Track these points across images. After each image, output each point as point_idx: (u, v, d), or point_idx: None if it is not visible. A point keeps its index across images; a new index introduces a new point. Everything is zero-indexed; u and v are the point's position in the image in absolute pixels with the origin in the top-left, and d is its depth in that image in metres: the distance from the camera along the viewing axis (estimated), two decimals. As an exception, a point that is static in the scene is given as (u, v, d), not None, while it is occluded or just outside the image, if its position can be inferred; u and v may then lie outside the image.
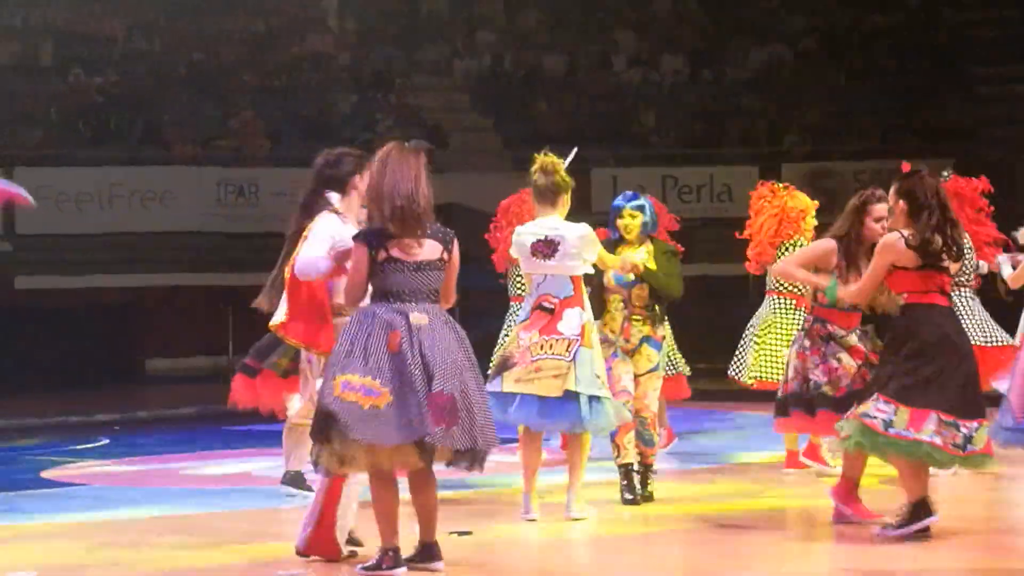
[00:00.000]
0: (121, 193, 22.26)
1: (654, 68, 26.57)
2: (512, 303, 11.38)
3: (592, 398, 8.65)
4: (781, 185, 11.06)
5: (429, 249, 7.28)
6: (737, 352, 11.12)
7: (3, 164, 21.90)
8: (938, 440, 7.94)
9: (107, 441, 14.30)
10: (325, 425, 7.11)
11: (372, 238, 7.25)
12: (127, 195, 22.27)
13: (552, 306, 8.71)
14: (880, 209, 8.72)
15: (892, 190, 8.22)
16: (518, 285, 11.25)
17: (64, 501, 10.59)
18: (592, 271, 8.95)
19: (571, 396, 8.61)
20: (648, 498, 9.41)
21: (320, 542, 7.72)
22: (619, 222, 9.39)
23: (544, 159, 8.90)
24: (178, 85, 24.10)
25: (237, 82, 24.46)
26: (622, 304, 9.29)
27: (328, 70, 25.27)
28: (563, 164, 8.94)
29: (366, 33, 25.93)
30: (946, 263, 8.08)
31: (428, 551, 7.30)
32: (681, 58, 26.56)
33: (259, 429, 11.89)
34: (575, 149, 9.29)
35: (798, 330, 9.39)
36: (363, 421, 7.02)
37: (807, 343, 9.01)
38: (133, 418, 16.31)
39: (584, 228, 8.79)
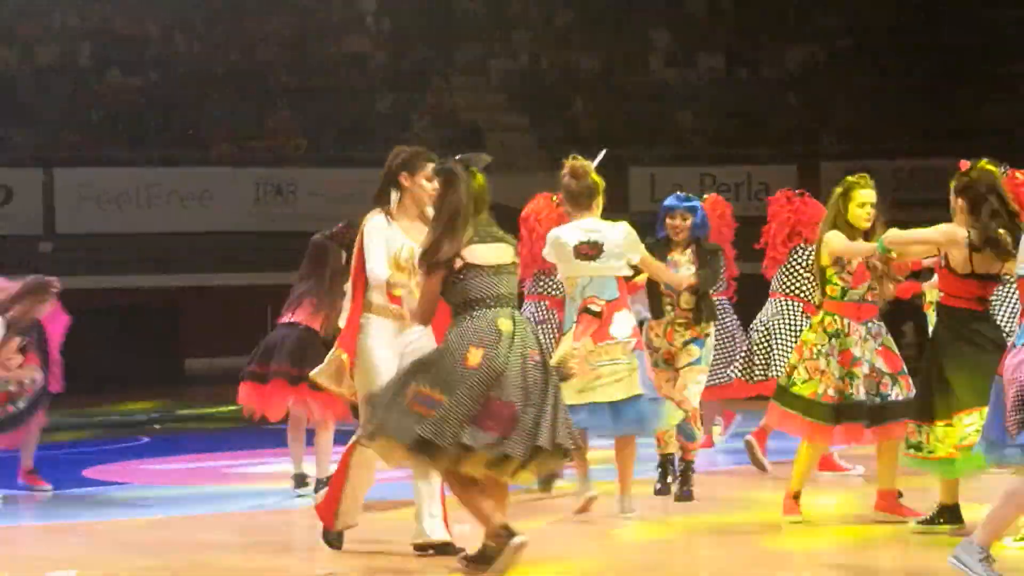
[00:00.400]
0: (159, 193, 22.35)
1: (690, 67, 26.54)
2: (527, 301, 11.39)
3: (652, 400, 8.70)
4: (797, 192, 11.08)
5: (502, 253, 7.22)
6: (744, 355, 11.04)
7: (43, 165, 22.06)
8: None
9: (147, 440, 14.38)
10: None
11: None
12: (165, 195, 22.36)
13: (600, 309, 8.70)
14: (864, 195, 8.68)
15: (951, 188, 8.16)
16: (540, 285, 11.27)
17: (105, 500, 10.65)
18: (632, 272, 8.93)
19: (635, 399, 8.64)
20: (688, 496, 9.39)
21: (325, 506, 7.77)
22: (669, 222, 9.41)
23: (573, 163, 8.90)
24: (216, 86, 24.19)
25: (275, 82, 24.54)
26: (669, 307, 9.33)
27: (365, 70, 25.33)
28: (592, 165, 8.95)
29: (402, 33, 25.97)
30: (996, 269, 7.99)
31: (507, 531, 7.10)
32: (717, 57, 26.52)
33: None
34: (604, 151, 9.29)
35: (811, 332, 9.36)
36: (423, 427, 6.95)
37: (824, 344, 8.88)
38: (173, 417, 16.39)
39: (625, 227, 8.80)
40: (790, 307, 10.85)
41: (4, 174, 21.79)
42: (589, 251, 8.73)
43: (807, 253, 10.63)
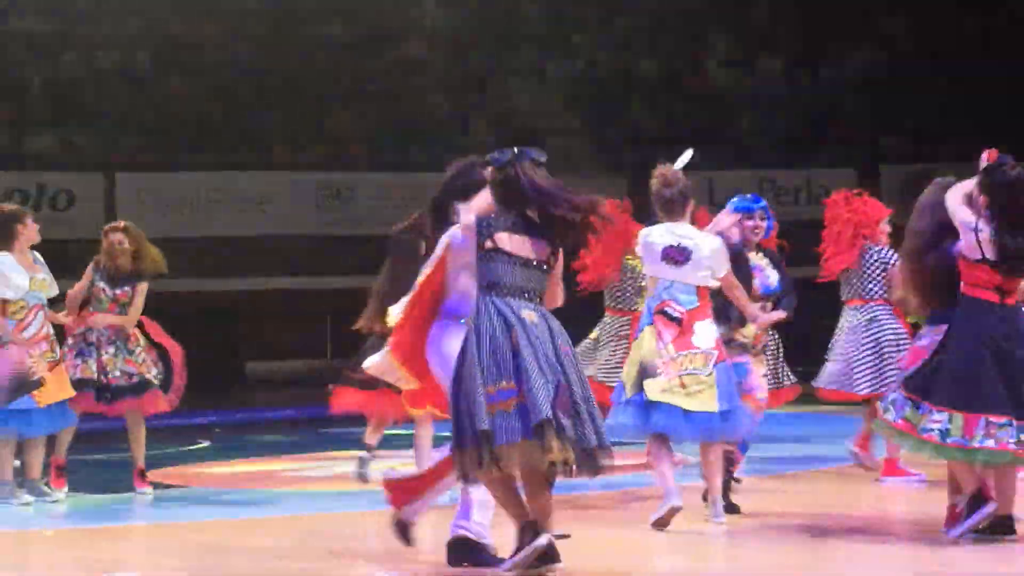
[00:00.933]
0: (219, 198, 22.45)
1: (750, 70, 26.46)
2: (607, 315, 11.35)
3: (725, 412, 8.66)
4: (855, 192, 10.98)
5: (537, 248, 7.22)
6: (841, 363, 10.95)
7: (104, 170, 22.21)
8: (991, 443, 7.88)
9: (208, 443, 14.45)
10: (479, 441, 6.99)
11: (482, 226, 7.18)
12: (225, 200, 22.46)
13: (679, 315, 8.66)
14: None
15: (975, 183, 8.18)
16: (617, 298, 11.24)
17: (165, 502, 10.71)
18: (716, 285, 8.87)
19: (712, 414, 8.61)
20: (732, 509, 9.22)
21: (401, 489, 7.71)
22: (748, 223, 9.38)
23: (664, 170, 8.90)
24: (276, 90, 24.30)
25: (333, 87, 24.63)
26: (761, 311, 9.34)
27: (423, 74, 25.38)
28: (679, 168, 8.96)
29: (461, 37, 26.01)
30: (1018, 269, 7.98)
31: (532, 528, 7.11)
32: (777, 60, 26.42)
33: (357, 432, 11.94)
34: (690, 151, 9.27)
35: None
36: (510, 423, 6.96)
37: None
38: (233, 420, 16.47)
39: (717, 241, 8.79)
40: (881, 312, 10.67)
41: (66, 179, 21.96)
42: (676, 256, 8.70)
43: (877, 253, 10.54)
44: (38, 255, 10.43)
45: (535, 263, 7.19)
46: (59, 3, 24.14)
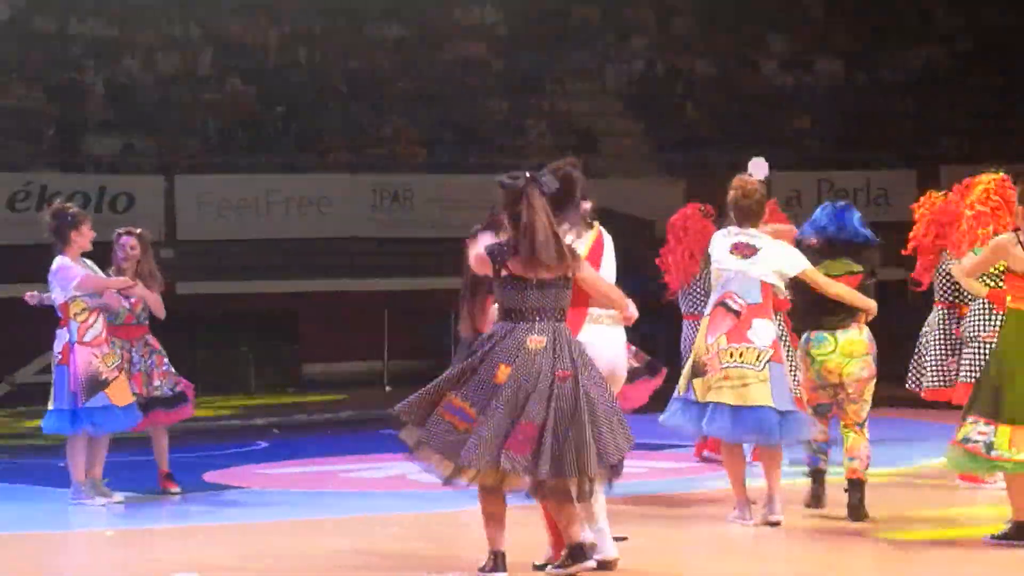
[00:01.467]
0: (278, 200, 22.55)
1: (807, 71, 26.35)
2: (686, 321, 11.33)
3: (786, 412, 8.62)
4: (941, 193, 10.87)
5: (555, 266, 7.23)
6: (913, 362, 10.87)
7: (164, 172, 22.36)
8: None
9: (266, 444, 14.51)
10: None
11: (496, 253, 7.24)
12: (283, 202, 22.56)
13: (738, 307, 8.66)
14: None
15: (1018, 192, 8.20)
16: (691, 302, 11.22)
17: (225, 503, 10.78)
18: (783, 289, 8.84)
19: (764, 408, 8.57)
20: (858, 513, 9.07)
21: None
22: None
23: (742, 180, 8.91)
24: (333, 92, 24.39)
25: (391, 89, 24.70)
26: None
27: (481, 76, 25.41)
28: (758, 178, 8.98)
29: (518, 39, 26.03)
30: None
31: (577, 552, 7.23)
32: (835, 60, 26.31)
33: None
34: (761, 160, 9.27)
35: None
36: (455, 444, 7.12)
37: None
38: (291, 422, 16.53)
39: (788, 246, 8.84)
40: (951, 315, 10.59)
41: (127, 181, 22.10)
42: (744, 250, 8.72)
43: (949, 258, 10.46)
44: (87, 261, 10.52)
45: (550, 281, 7.21)
46: (120, 7, 24.32)
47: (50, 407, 10.37)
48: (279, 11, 25.17)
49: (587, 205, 7.70)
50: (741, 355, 8.57)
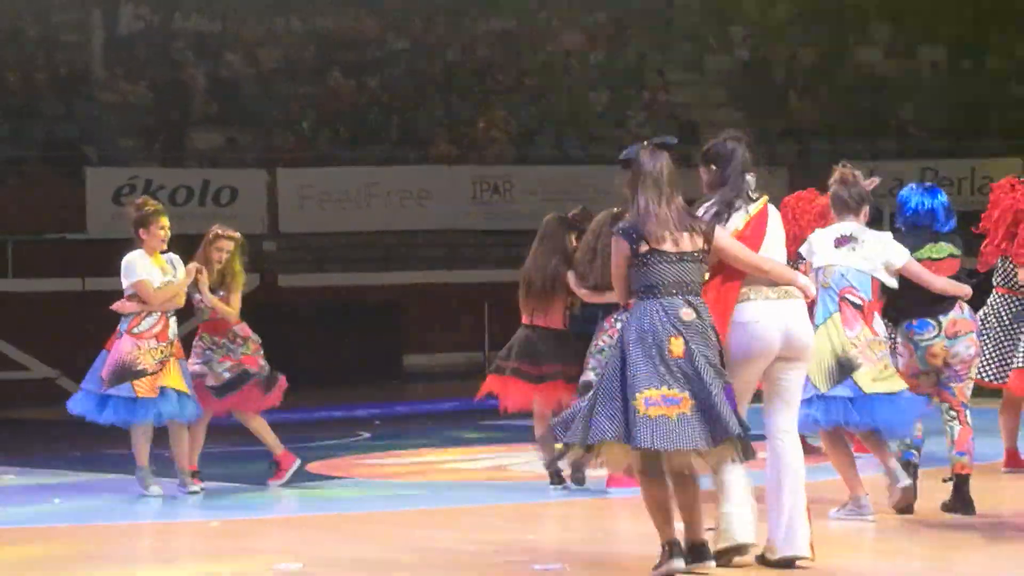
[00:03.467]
0: (379, 192, 22.65)
1: (911, 59, 26.07)
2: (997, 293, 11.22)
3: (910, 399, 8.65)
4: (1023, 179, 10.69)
5: (687, 241, 7.07)
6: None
7: (266, 166, 22.54)
8: None
9: (368, 436, 14.58)
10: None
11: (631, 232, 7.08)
12: (385, 194, 22.66)
13: (860, 302, 8.60)
14: None
15: None
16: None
17: (327, 494, 10.83)
18: (895, 283, 8.75)
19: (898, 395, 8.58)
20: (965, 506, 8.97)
21: None
22: None
23: (843, 170, 8.83)
24: (434, 85, 24.46)
25: (491, 81, 24.72)
26: None
27: (581, 67, 25.37)
28: (865, 182, 8.88)
29: (619, 30, 25.96)
30: None
31: (698, 551, 7.10)
32: (939, 49, 26.00)
33: (515, 424, 11.99)
34: (876, 179, 9.18)
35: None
36: (675, 432, 6.86)
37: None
38: (393, 413, 16.60)
39: (887, 235, 8.75)
40: (1011, 301, 10.47)
41: (229, 175, 22.31)
42: (848, 242, 8.64)
43: None
44: (175, 257, 10.56)
45: (685, 254, 7.06)
46: (222, 3, 24.53)
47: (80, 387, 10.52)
48: (380, 4, 25.27)
49: (750, 177, 7.46)
50: (880, 346, 8.59)
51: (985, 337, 10.32)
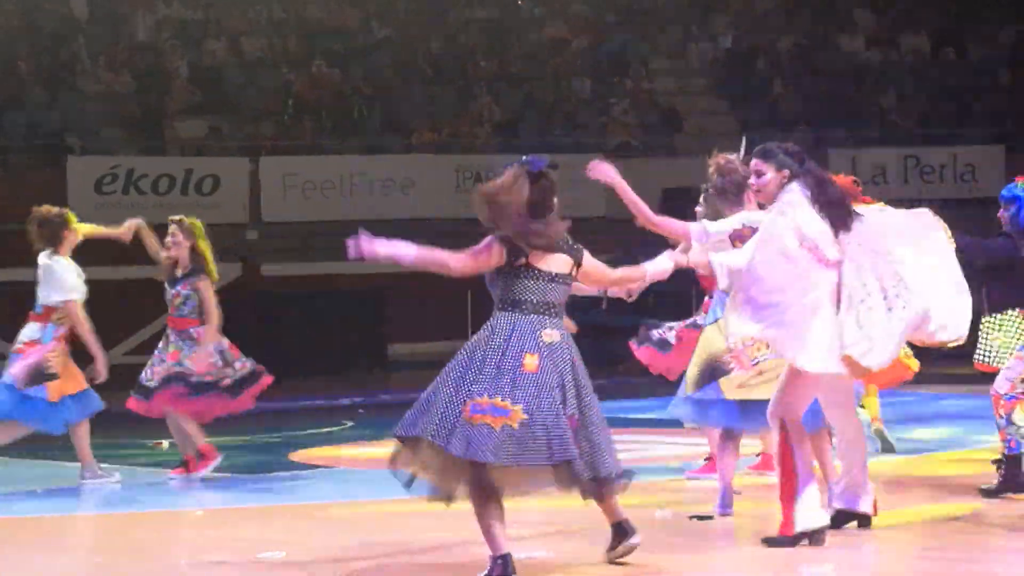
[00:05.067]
0: (362, 181, 22.64)
1: (894, 47, 26.09)
2: None
3: None
4: None
5: (560, 263, 7.11)
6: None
7: (249, 154, 22.50)
8: None
9: (352, 424, 14.57)
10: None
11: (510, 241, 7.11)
12: (368, 183, 22.64)
13: None
14: None
15: None
16: None
17: (311, 482, 10.84)
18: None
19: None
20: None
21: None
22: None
23: (717, 159, 8.69)
24: (417, 74, 24.43)
25: (475, 70, 24.70)
26: None
27: (564, 56, 25.36)
28: (739, 156, 8.70)
29: (601, 18, 25.95)
30: None
31: (620, 529, 7.15)
32: (921, 37, 26.03)
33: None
34: (744, 139, 9.05)
35: None
36: (500, 444, 6.84)
37: None
38: (377, 402, 16.60)
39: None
40: None
41: (212, 163, 22.27)
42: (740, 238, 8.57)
43: None
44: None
45: (560, 277, 7.08)
46: (204, -10, 24.49)
47: None
48: (363, -7, 25.24)
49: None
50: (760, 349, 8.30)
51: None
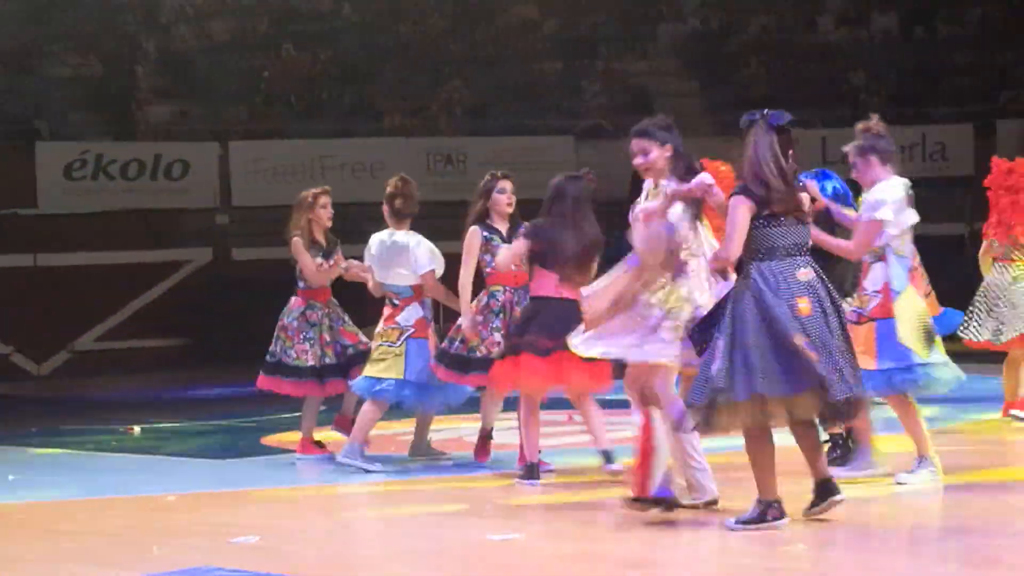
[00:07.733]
0: (332, 165, 22.59)
1: (863, 27, 26.13)
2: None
3: None
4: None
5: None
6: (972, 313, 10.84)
7: (218, 138, 22.43)
8: None
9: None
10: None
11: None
12: (338, 167, 22.59)
13: None
14: None
15: None
16: None
17: (283, 467, 10.83)
18: None
19: None
20: None
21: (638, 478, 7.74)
22: None
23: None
24: (387, 57, 24.38)
25: (445, 52, 24.66)
26: None
27: (534, 38, 25.33)
28: None
29: (572, 0, 25.92)
30: None
31: (826, 487, 7.39)
32: (891, 16, 26.08)
33: (473, 395, 11.99)
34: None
35: None
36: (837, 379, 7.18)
37: None
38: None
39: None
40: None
41: (181, 148, 22.20)
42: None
43: None
44: None
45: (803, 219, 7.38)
46: (173, -26, 24.38)
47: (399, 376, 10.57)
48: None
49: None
50: None
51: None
